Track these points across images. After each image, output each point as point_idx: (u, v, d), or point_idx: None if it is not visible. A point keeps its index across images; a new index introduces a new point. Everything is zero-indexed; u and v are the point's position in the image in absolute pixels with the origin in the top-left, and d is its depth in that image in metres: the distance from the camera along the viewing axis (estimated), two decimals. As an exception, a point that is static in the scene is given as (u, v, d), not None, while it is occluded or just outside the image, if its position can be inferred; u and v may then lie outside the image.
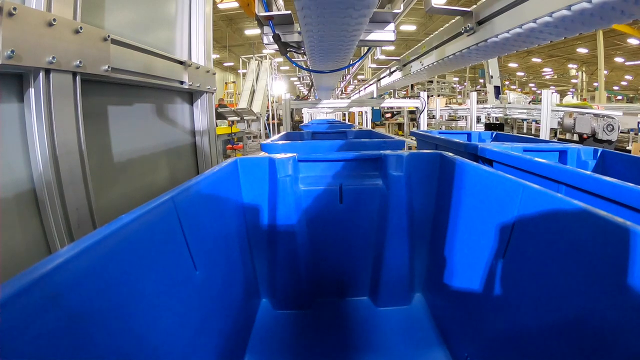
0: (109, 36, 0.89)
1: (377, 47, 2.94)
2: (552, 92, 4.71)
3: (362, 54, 2.57)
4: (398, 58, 3.22)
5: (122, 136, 1.10)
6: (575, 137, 4.44)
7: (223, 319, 0.75)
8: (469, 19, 1.58)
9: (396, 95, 5.85)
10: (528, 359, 0.56)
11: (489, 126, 6.10)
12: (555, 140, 1.52)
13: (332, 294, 1.06)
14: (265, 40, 1.78)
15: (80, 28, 0.80)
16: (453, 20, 1.87)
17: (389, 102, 4.67)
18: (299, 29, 1.72)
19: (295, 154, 1.03)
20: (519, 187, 0.64)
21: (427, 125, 5.02)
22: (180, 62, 1.35)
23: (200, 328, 0.63)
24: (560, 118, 4.39)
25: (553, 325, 0.51)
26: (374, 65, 4.31)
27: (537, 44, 1.38)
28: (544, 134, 4.21)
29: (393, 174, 1.00)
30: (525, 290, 0.58)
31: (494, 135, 2.19)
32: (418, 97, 3.80)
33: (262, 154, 1.10)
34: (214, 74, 1.66)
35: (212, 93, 1.67)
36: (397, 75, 3.38)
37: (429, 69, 2.50)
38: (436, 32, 2.16)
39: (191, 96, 1.59)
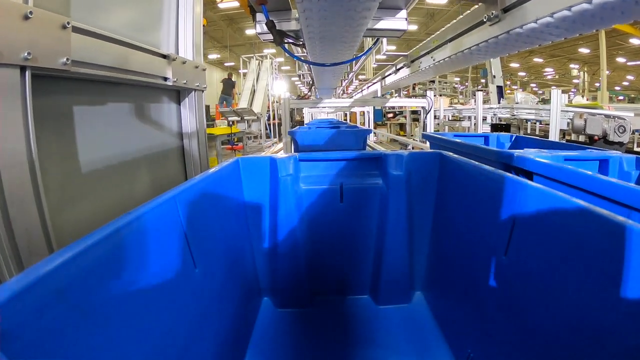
0: (68, 23, 0.74)
1: (384, 40, 2.73)
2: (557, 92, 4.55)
3: (367, 49, 2.41)
4: (405, 54, 3.01)
5: (90, 142, 0.96)
6: (578, 137, 4.29)
7: (224, 317, 0.75)
8: (493, 6, 1.36)
9: (401, 94, 5.69)
10: (532, 356, 0.55)
11: (494, 127, 5.92)
12: (592, 147, 1.29)
13: (333, 292, 1.07)
14: (258, 29, 1.58)
15: (30, 13, 0.66)
16: (473, 8, 1.61)
17: (393, 102, 4.42)
18: (296, 15, 1.52)
19: (296, 154, 1.04)
20: (519, 185, 0.64)
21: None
22: (164, 56, 1.19)
23: (201, 326, 0.63)
24: (570, 119, 4.23)
25: (555, 323, 0.51)
26: (376, 65, 4.16)
27: (576, 34, 1.14)
28: (554, 136, 4.07)
29: (393, 173, 1.01)
30: (527, 289, 0.58)
31: (513, 138, 1.95)
32: (424, 96, 3.61)
33: (264, 153, 1.14)
34: (204, 69, 1.49)
35: (202, 91, 1.50)
36: (405, 72, 3.09)
37: (441, 64, 2.24)
38: (450, 23, 1.92)
39: (178, 94, 1.43)
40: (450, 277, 0.89)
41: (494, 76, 9.35)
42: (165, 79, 1.21)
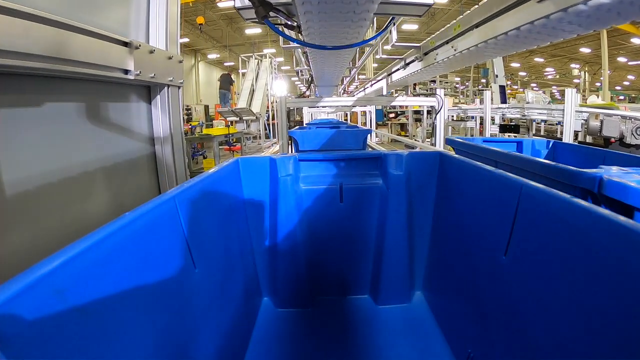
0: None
1: (393, 30, 2.29)
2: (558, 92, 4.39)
3: (371, 36, 2.18)
4: (418, 45, 2.60)
5: (19, 155, 0.76)
6: (585, 138, 4.14)
7: (224, 317, 0.76)
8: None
9: (409, 92, 5.47)
10: (532, 356, 0.55)
11: (503, 127, 5.74)
12: None
13: (333, 292, 1.07)
14: (237, 3, 1.25)
15: None
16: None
17: (400, 101, 4.12)
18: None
19: (296, 154, 1.03)
20: (518, 184, 0.63)
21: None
22: (124, 43, 0.97)
23: (201, 326, 0.64)
24: (584, 120, 4.04)
25: (555, 323, 0.51)
26: (377, 65, 4.02)
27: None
28: (568, 137, 3.92)
29: (393, 173, 1.01)
30: (527, 289, 0.58)
31: (550, 144, 1.61)
32: (432, 95, 3.35)
33: (263, 154, 1.12)
34: (181, 61, 1.22)
35: (178, 87, 1.26)
36: (416, 66, 2.69)
37: (466, 54, 1.82)
38: (477, 5, 1.58)
39: (149, 91, 1.20)
40: (450, 277, 0.89)
41: (497, 75, 9.20)
42: (126, 71, 0.98)
